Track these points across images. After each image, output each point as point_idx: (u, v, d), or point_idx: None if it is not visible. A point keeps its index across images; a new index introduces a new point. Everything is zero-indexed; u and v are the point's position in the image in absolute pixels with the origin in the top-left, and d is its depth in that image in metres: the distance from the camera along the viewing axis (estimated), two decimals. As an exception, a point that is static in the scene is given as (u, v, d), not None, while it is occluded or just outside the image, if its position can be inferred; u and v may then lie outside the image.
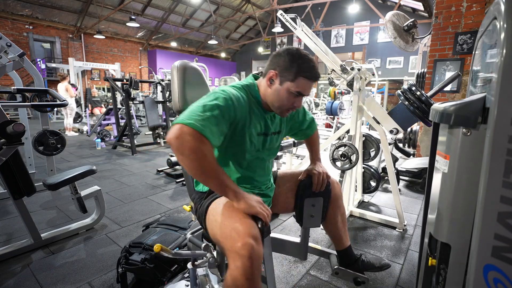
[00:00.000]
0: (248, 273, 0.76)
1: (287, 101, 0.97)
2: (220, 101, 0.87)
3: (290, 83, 0.94)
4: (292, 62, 0.93)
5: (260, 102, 1.02)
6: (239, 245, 0.78)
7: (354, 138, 2.15)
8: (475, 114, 0.63)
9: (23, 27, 10.97)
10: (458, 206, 0.69)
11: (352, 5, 11.89)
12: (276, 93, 0.97)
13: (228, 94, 0.90)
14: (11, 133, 1.54)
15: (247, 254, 0.77)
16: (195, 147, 0.78)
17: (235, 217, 0.86)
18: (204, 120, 0.81)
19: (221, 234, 0.86)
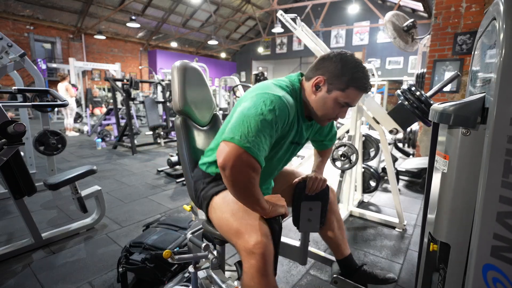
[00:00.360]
0: (262, 270, 0.79)
1: (332, 111, 0.91)
2: (278, 114, 0.80)
3: (339, 92, 0.87)
4: (345, 69, 0.86)
5: (303, 108, 0.95)
6: (252, 243, 0.79)
7: (354, 138, 2.15)
8: (474, 114, 0.63)
9: (24, 28, 10.98)
10: (457, 206, 0.69)
11: (352, 5, 11.90)
12: (322, 101, 0.90)
13: (284, 103, 0.82)
14: (12, 133, 1.54)
15: (260, 252, 0.79)
16: (251, 178, 0.79)
17: (244, 215, 0.87)
18: (261, 143, 0.77)
19: (231, 232, 0.87)
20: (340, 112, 0.92)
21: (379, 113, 2.05)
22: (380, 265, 1.66)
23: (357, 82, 0.86)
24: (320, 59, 0.92)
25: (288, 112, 0.84)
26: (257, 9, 13.54)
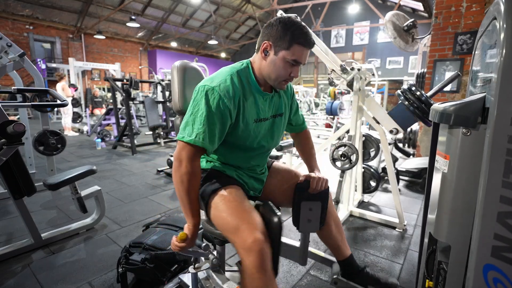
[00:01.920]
0: (261, 266, 0.82)
1: (284, 71, 0.94)
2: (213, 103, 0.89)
3: (285, 51, 0.91)
4: (285, 30, 0.90)
5: (256, 83, 0.99)
6: (249, 241, 0.82)
7: (354, 138, 2.15)
8: (474, 114, 0.63)
9: (24, 27, 10.98)
10: (458, 206, 0.69)
11: (352, 5, 11.90)
12: (271, 64, 0.94)
13: (217, 92, 0.89)
14: (12, 133, 1.54)
15: (258, 249, 0.81)
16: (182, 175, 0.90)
17: (241, 213, 0.90)
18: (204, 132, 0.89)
19: (229, 230, 0.89)
20: (292, 71, 0.95)
21: (379, 113, 2.05)
22: (380, 265, 1.66)
23: (299, 39, 0.90)
24: (264, 27, 0.96)
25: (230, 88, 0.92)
26: (257, 9, 13.54)
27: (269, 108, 1.05)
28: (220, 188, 0.97)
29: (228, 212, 0.91)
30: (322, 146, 2.48)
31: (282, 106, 1.10)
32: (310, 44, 0.93)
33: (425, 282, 0.84)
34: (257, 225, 0.86)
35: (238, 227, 0.86)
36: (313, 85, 15.62)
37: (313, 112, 9.16)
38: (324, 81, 15.95)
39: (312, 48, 1.03)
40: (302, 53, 0.92)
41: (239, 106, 0.94)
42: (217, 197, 0.96)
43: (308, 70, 17.81)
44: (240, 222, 0.87)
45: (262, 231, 0.86)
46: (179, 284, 1.23)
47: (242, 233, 0.84)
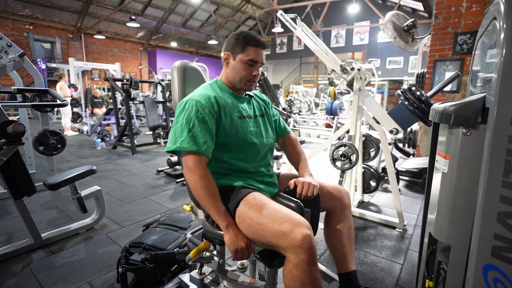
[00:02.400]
0: (312, 261, 0.83)
1: (244, 72, 1.05)
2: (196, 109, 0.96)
3: (241, 54, 1.03)
4: (238, 38, 1.04)
5: (228, 89, 1.11)
6: (299, 238, 0.81)
7: (354, 138, 2.15)
8: (475, 114, 0.63)
9: (24, 27, 10.98)
10: (458, 206, 0.69)
11: (352, 5, 11.90)
12: (233, 68, 1.06)
13: (193, 100, 0.98)
14: (12, 133, 1.54)
15: (309, 246, 0.82)
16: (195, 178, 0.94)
17: (281, 213, 0.89)
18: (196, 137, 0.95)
19: (272, 235, 0.86)
20: (252, 70, 1.06)
21: (379, 113, 2.05)
22: (380, 265, 1.66)
23: (250, 41, 1.03)
24: (224, 43, 1.10)
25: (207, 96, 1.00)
26: (257, 9, 13.53)
27: (249, 108, 1.14)
28: (242, 199, 0.97)
29: (263, 218, 0.89)
30: (322, 146, 2.48)
31: (262, 108, 1.20)
32: (261, 44, 1.05)
33: (425, 282, 0.84)
34: (299, 221, 0.85)
35: (281, 229, 0.84)
36: (313, 85, 15.63)
37: (313, 112, 9.16)
38: (324, 81, 15.95)
39: (312, 48, 1.03)
40: (256, 53, 1.04)
41: (218, 105, 1.01)
42: (242, 208, 0.94)
43: (308, 70, 17.82)
44: (281, 223, 0.85)
45: (307, 226, 0.85)
46: (179, 284, 1.22)
47: (289, 234, 0.83)
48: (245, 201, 0.95)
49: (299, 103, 9.19)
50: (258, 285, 1.01)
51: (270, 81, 6.15)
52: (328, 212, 1.17)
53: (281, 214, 0.88)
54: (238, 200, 0.97)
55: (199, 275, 1.02)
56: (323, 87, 16.03)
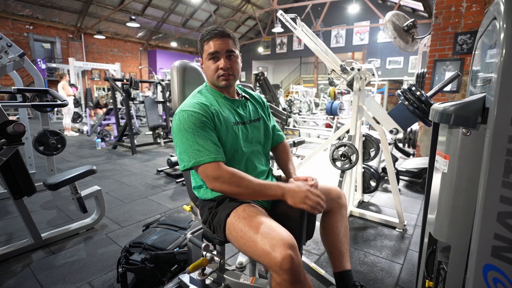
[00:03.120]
0: (295, 280, 0.80)
1: (211, 68, 1.02)
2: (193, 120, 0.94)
3: (203, 54, 1.03)
4: (199, 40, 1.05)
5: (219, 93, 1.07)
6: (279, 260, 0.78)
7: (354, 138, 2.15)
8: (474, 114, 0.63)
9: (24, 27, 10.98)
10: (458, 206, 0.69)
11: (352, 5, 11.90)
12: (205, 70, 1.06)
13: (186, 111, 0.96)
14: (12, 133, 1.54)
15: (289, 266, 0.78)
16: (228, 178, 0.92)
17: (264, 230, 0.85)
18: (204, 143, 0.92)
19: (255, 252, 0.84)
20: (218, 63, 1.02)
21: (379, 113, 2.05)
22: (380, 265, 1.66)
23: (205, 36, 1.02)
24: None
25: (200, 104, 0.98)
26: (257, 9, 13.53)
27: (245, 112, 1.09)
28: (233, 210, 0.95)
29: (247, 233, 0.87)
30: (322, 146, 2.48)
31: (258, 112, 1.16)
32: (215, 34, 1.00)
33: (425, 282, 0.84)
34: (280, 239, 0.81)
35: (262, 247, 0.82)
36: (313, 85, 15.63)
37: (313, 112, 9.16)
38: (324, 81, 15.96)
39: (312, 48, 1.03)
40: (212, 45, 1.00)
41: (212, 112, 0.98)
42: (231, 219, 0.94)
43: (308, 70, 17.83)
44: (263, 241, 0.83)
45: (290, 244, 0.80)
46: (179, 284, 1.22)
47: (269, 254, 0.80)
48: (235, 212, 0.94)
49: (299, 103, 9.19)
50: (260, 283, 1.01)
51: (270, 81, 6.16)
52: (325, 212, 1.16)
53: (263, 230, 0.85)
54: (229, 210, 0.96)
55: (200, 276, 1.02)
56: (323, 87, 16.03)
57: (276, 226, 0.87)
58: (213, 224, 1.00)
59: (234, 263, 1.34)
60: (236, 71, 1.04)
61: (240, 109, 1.08)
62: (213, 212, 1.01)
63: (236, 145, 1.02)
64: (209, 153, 0.91)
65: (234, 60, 1.03)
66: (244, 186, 0.91)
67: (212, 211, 1.02)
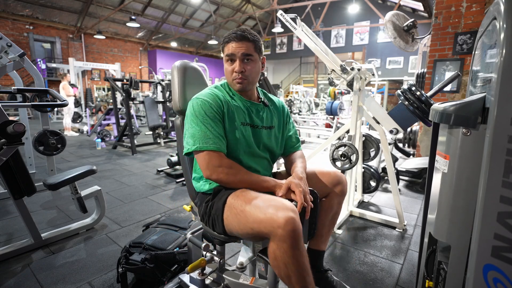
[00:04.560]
0: (296, 245, 0.81)
1: (229, 69, 1.04)
2: (206, 100, 0.99)
3: (223, 54, 1.05)
4: (222, 40, 1.06)
5: (237, 93, 1.09)
6: (282, 221, 0.79)
7: (354, 138, 2.15)
8: (475, 114, 0.63)
9: (24, 27, 10.98)
10: (458, 206, 0.69)
11: (352, 5, 11.90)
12: (224, 70, 1.07)
13: (200, 99, 1.00)
14: (12, 133, 1.54)
15: (291, 228, 0.79)
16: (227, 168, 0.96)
17: (265, 198, 0.88)
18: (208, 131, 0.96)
19: (256, 219, 0.83)
20: (233, 66, 1.03)
21: (379, 113, 2.05)
22: (380, 265, 1.66)
23: (225, 38, 1.04)
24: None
25: (214, 95, 1.02)
26: (257, 9, 13.53)
27: (257, 116, 1.09)
28: (230, 193, 0.95)
29: (247, 206, 0.87)
30: (322, 146, 2.48)
31: (274, 119, 1.15)
32: (234, 37, 1.01)
33: (425, 282, 0.84)
34: (282, 204, 0.82)
35: (265, 214, 0.81)
36: (313, 85, 15.63)
37: (313, 112, 9.16)
38: (324, 81, 15.95)
39: (312, 48, 1.04)
40: (230, 47, 1.02)
41: (223, 106, 1.01)
42: (230, 200, 0.93)
43: (308, 70, 17.83)
44: (265, 208, 0.83)
45: (292, 209, 0.82)
46: (179, 284, 1.22)
47: (271, 217, 0.80)
48: (233, 195, 0.95)
49: (299, 103, 9.19)
50: (260, 283, 1.01)
51: (270, 81, 6.15)
52: (326, 196, 1.16)
53: (265, 200, 0.86)
54: (226, 196, 0.96)
55: (200, 276, 1.02)
56: (323, 87, 16.03)
57: (277, 197, 0.89)
58: (211, 216, 0.99)
59: (234, 263, 1.34)
60: (252, 75, 1.04)
61: (254, 113, 1.09)
62: (210, 205, 1.01)
63: (239, 144, 1.02)
64: (213, 142, 0.95)
65: (250, 64, 1.02)
66: (240, 177, 0.96)
67: (208, 204, 1.02)
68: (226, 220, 0.94)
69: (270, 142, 1.12)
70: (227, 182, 0.96)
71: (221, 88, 1.09)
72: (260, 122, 1.09)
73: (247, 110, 1.07)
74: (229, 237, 0.98)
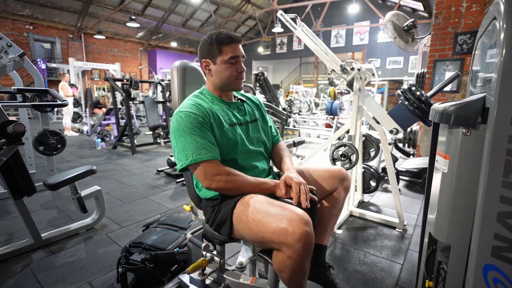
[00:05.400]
0: (308, 254, 0.82)
1: (229, 71, 1.04)
2: (192, 112, 0.96)
3: (220, 56, 1.02)
4: (211, 42, 1.03)
5: (216, 97, 1.09)
6: (297, 236, 0.79)
7: (354, 138, 2.15)
8: (475, 114, 0.63)
9: (24, 27, 10.98)
10: (458, 206, 0.69)
11: (352, 5, 11.90)
12: (217, 73, 1.05)
13: (183, 112, 0.97)
14: (12, 133, 1.54)
15: (306, 241, 0.80)
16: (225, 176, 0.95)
17: (276, 207, 0.87)
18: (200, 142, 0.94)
19: (268, 230, 0.84)
20: (236, 67, 1.05)
21: (379, 113, 2.05)
22: (380, 265, 1.66)
23: (224, 39, 1.02)
24: (197, 53, 1.09)
25: (197, 105, 1.00)
26: (257, 9, 13.53)
27: (240, 114, 1.12)
28: (239, 200, 0.96)
29: (258, 214, 0.87)
30: (322, 146, 2.48)
31: (255, 113, 1.18)
32: (235, 39, 1.03)
33: (425, 282, 0.84)
34: (296, 216, 0.82)
35: (278, 225, 0.82)
36: (313, 85, 15.63)
37: (313, 112, 9.16)
38: (324, 81, 15.95)
39: (312, 48, 1.05)
40: (233, 49, 1.02)
41: (208, 113, 1.00)
42: (239, 207, 0.94)
43: (308, 70, 17.83)
44: (278, 219, 0.83)
45: (304, 220, 0.81)
46: (179, 284, 1.22)
47: (287, 231, 0.80)
48: (241, 201, 0.95)
49: (299, 103, 9.19)
50: (260, 283, 1.01)
51: (270, 81, 6.15)
52: (330, 193, 1.20)
53: (276, 209, 0.86)
54: (234, 202, 0.96)
55: (200, 276, 1.02)
56: (323, 87, 16.03)
57: (287, 205, 0.89)
58: (218, 221, 0.99)
59: (234, 263, 1.34)
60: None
61: (236, 111, 1.11)
62: (217, 209, 1.01)
63: (234, 145, 1.03)
64: (207, 151, 0.94)
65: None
66: (240, 182, 0.96)
67: (215, 208, 1.02)
68: (236, 226, 0.95)
69: (260, 135, 1.15)
70: (227, 189, 0.96)
71: (201, 96, 1.07)
72: (244, 118, 1.12)
73: (229, 111, 1.08)
74: (233, 239, 0.99)
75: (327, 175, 1.18)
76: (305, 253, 0.81)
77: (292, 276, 0.86)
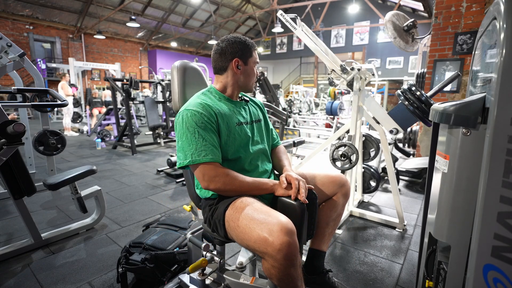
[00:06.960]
0: (291, 264, 0.82)
1: (254, 74, 1.13)
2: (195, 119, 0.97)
3: (251, 58, 1.10)
4: (243, 44, 1.08)
5: (224, 96, 1.11)
6: (277, 246, 0.79)
7: (354, 138, 2.15)
8: (475, 114, 0.63)
9: (24, 27, 10.98)
10: (458, 206, 0.69)
11: (352, 5, 11.90)
12: (247, 72, 1.10)
13: (190, 110, 0.98)
14: (12, 133, 1.54)
15: (286, 252, 0.79)
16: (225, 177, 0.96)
17: (260, 216, 0.87)
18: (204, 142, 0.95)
19: (251, 238, 0.85)
20: (256, 72, 1.16)
21: (379, 113, 2.05)
22: (380, 265, 1.66)
23: (253, 45, 1.12)
24: (221, 52, 1.08)
25: (204, 104, 1.01)
26: (257, 9, 13.53)
27: (246, 114, 1.14)
28: (231, 203, 0.97)
29: (242, 221, 0.89)
30: (322, 146, 2.48)
31: (258, 114, 1.22)
32: (256, 47, 1.15)
33: (425, 282, 0.84)
34: (277, 223, 0.81)
35: (259, 234, 0.83)
36: (313, 85, 15.63)
37: (313, 112, 9.16)
38: (324, 81, 15.95)
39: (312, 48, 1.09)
40: (256, 55, 1.13)
41: (215, 114, 1.01)
42: (229, 212, 0.95)
43: (308, 70, 17.82)
44: (259, 226, 0.83)
45: (288, 230, 0.81)
46: (179, 284, 1.22)
47: (266, 241, 0.80)
48: (233, 204, 0.96)
49: (299, 103, 9.19)
50: (260, 283, 1.01)
51: (270, 81, 6.15)
52: (329, 198, 1.21)
53: (260, 216, 0.86)
54: (227, 204, 0.98)
55: (200, 276, 1.02)
56: (323, 87, 16.03)
57: (273, 212, 0.89)
58: (213, 221, 1.01)
59: (234, 263, 1.34)
60: None
61: (243, 111, 1.14)
62: (213, 209, 1.02)
63: (240, 145, 1.04)
64: (206, 153, 0.95)
65: None
66: (238, 184, 0.97)
67: (212, 207, 1.03)
68: (227, 229, 0.97)
69: (262, 135, 1.18)
70: (225, 191, 0.98)
71: (208, 95, 1.09)
72: (249, 117, 1.15)
73: (236, 110, 1.11)
74: (230, 240, 1.00)
75: (327, 180, 1.19)
76: (287, 263, 0.80)
77: (281, 283, 0.86)
